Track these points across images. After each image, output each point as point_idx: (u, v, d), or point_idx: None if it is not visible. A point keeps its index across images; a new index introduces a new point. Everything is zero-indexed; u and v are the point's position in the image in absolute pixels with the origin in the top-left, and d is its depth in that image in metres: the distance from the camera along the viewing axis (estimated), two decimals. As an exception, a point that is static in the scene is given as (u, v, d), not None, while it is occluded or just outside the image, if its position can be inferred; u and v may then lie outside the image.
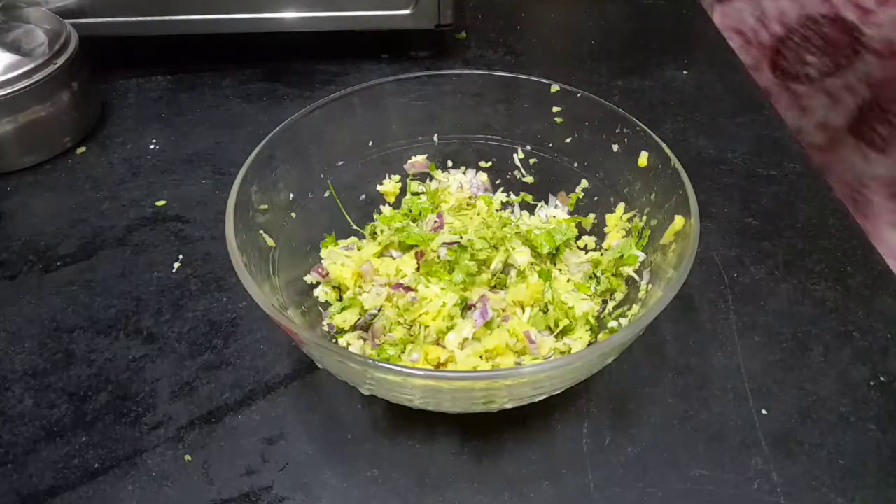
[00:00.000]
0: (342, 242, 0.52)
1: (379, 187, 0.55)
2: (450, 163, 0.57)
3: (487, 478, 0.42)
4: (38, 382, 0.47)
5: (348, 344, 0.46)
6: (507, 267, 0.49)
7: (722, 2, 0.92)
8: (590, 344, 0.46)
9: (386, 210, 0.55)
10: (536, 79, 0.53)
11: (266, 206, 0.46)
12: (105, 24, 0.70)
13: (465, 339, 0.44)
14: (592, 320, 0.47)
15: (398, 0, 0.71)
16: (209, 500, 0.41)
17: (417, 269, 0.48)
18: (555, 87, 0.52)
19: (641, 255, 0.47)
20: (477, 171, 0.57)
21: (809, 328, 0.50)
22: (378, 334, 0.46)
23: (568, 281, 0.49)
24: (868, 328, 0.50)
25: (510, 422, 0.44)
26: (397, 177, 0.56)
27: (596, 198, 0.53)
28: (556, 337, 0.46)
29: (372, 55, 0.79)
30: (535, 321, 0.46)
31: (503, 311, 0.46)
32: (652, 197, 0.47)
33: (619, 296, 0.48)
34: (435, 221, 0.52)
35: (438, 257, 0.48)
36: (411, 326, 0.45)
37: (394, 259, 0.50)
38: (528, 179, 0.56)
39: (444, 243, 0.48)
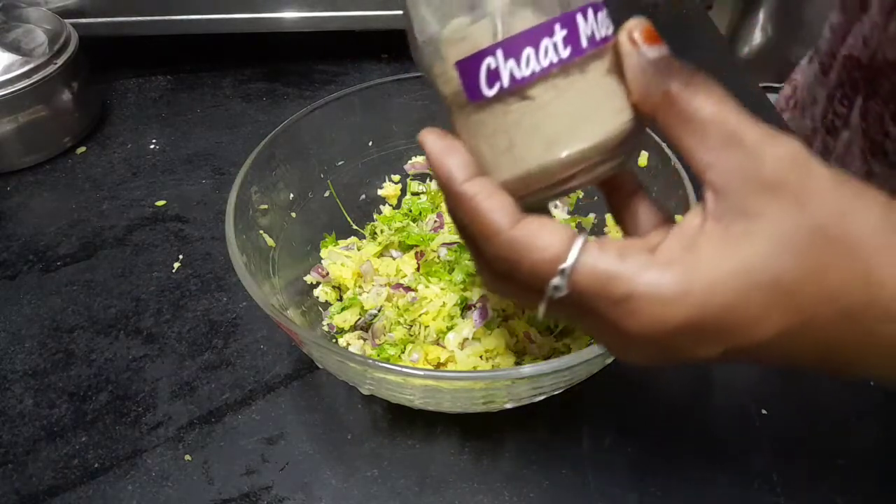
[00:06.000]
0: (342, 242, 0.52)
1: (379, 191, 0.55)
2: (450, 163, 0.56)
3: (487, 478, 0.42)
4: (38, 382, 0.47)
5: (348, 344, 0.46)
6: (507, 267, 0.49)
7: None
8: (590, 344, 0.46)
9: (386, 210, 0.55)
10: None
11: (266, 206, 0.46)
12: (105, 24, 0.70)
13: (465, 339, 0.44)
14: (592, 320, 0.47)
15: (398, 0, 0.71)
16: (209, 500, 0.41)
17: (417, 269, 0.48)
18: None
19: (641, 255, 0.47)
20: (477, 171, 0.56)
21: (809, 328, 0.50)
22: (378, 334, 0.46)
23: (568, 281, 0.49)
24: (868, 328, 0.50)
25: (510, 422, 0.44)
26: (397, 177, 0.56)
27: (596, 198, 0.53)
28: (555, 337, 0.46)
29: (372, 55, 0.79)
30: (534, 321, 0.46)
31: (503, 311, 0.46)
32: (652, 197, 0.47)
33: (619, 296, 0.48)
34: (435, 221, 0.52)
35: (438, 257, 0.48)
36: (411, 326, 0.45)
37: (394, 259, 0.50)
38: (528, 179, 0.56)
39: (444, 243, 0.48)
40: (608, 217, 0.51)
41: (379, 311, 0.47)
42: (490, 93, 0.25)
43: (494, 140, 0.26)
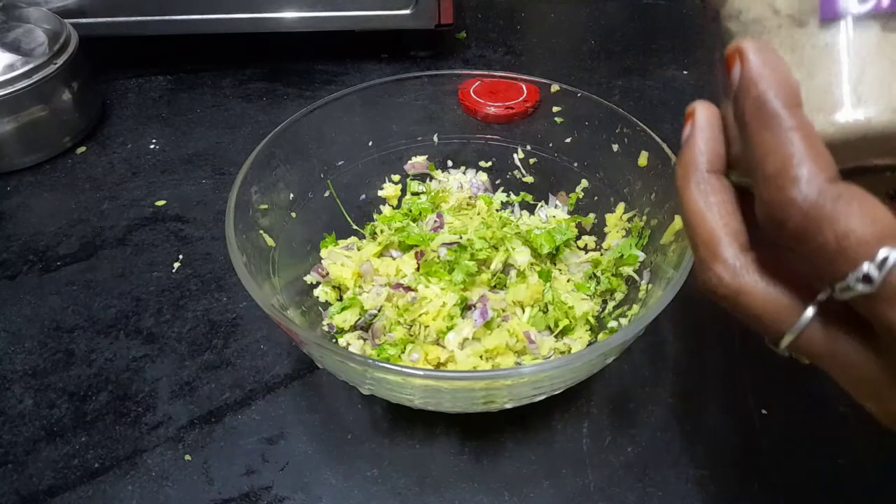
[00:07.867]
0: (342, 242, 0.52)
1: (380, 192, 0.55)
2: (450, 163, 0.57)
3: (487, 478, 0.42)
4: (38, 382, 0.47)
5: (348, 344, 0.46)
6: (507, 267, 0.49)
7: None
8: (590, 344, 0.46)
9: (386, 210, 0.55)
10: (536, 79, 0.53)
11: (266, 206, 0.46)
12: (105, 24, 0.70)
13: (465, 339, 0.44)
14: (592, 320, 0.47)
15: (398, 0, 0.71)
16: (209, 500, 0.41)
17: (417, 269, 0.48)
18: (555, 87, 0.52)
19: (641, 255, 0.47)
20: (477, 171, 0.57)
21: (809, 328, 0.50)
22: (378, 334, 0.46)
23: (568, 281, 0.49)
24: (868, 328, 0.50)
25: (510, 422, 0.44)
26: (397, 177, 0.56)
27: (596, 198, 0.53)
28: (556, 337, 0.46)
29: (372, 55, 0.79)
30: (535, 321, 0.46)
31: (503, 311, 0.46)
32: (652, 197, 0.47)
33: (619, 296, 0.48)
34: (435, 221, 0.52)
35: (438, 257, 0.48)
36: (411, 326, 0.45)
37: (394, 259, 0.50)
38: (528, 179, 0.56)
39: (444, 243, 0.48)
40: (608, 217, 0.51)
41: (379, 311, 0.47)
42: (860, 8, 0.20)
43: (839, 68, 0.21)
